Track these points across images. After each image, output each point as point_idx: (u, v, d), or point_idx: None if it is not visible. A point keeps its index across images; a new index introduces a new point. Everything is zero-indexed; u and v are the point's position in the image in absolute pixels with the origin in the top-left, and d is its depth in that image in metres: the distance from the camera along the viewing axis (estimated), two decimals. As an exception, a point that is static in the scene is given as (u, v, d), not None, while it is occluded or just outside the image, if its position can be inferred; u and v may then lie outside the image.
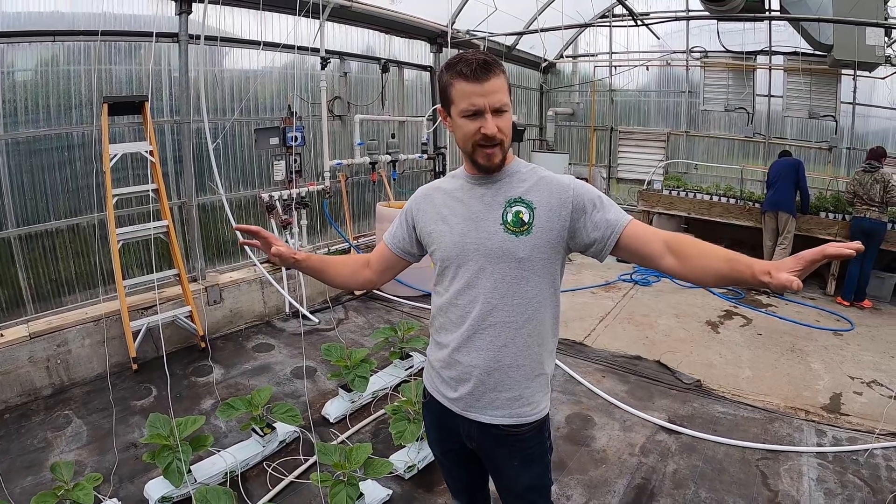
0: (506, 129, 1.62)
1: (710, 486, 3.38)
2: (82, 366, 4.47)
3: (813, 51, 8.18)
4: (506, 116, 1.61)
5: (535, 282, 1.69)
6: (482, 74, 1.56)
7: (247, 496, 3.18)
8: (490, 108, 1.58)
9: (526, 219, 1.65)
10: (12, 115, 4.36)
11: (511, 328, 1.70)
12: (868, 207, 6.59)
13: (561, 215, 1.65)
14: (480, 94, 1.57)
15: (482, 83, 1.56)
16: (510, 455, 1.82)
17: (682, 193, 8.52)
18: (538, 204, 1.66)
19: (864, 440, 3.88)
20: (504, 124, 1.61)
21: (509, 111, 1.62)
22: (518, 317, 1.70)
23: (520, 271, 1.67)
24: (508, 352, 1.71)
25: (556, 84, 11.60)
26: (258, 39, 5.75)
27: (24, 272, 4.52)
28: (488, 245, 1.67)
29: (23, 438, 3.71)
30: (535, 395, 1.77)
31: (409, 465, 3.39)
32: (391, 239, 1.94)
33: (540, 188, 1.68)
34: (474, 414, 1.78)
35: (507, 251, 1.65)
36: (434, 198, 1.84)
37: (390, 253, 1.94)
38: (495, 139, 1.60)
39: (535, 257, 1.67)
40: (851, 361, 5.22)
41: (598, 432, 3.97)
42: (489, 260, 1.67)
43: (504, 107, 1.60)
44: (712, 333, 5.89)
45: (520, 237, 1.65)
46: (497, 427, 1.76)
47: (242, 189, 6.16)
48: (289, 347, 5.26)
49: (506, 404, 1.74)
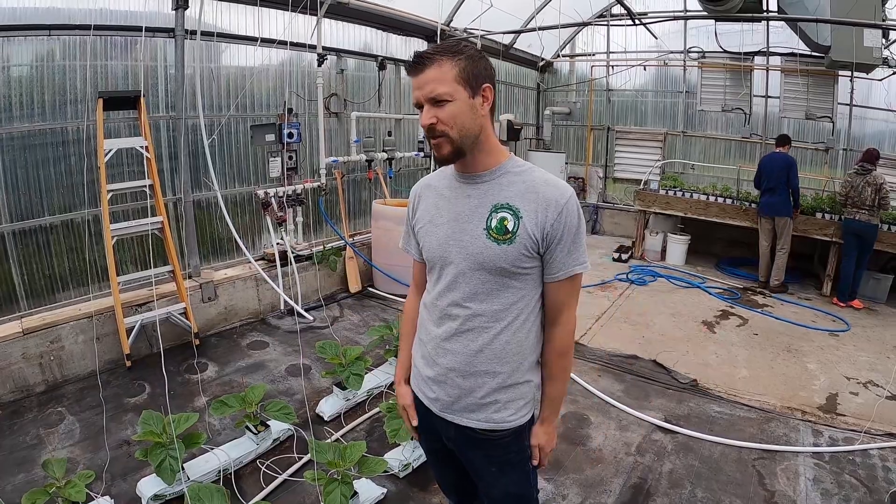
0: (448, 120, 1.56)
1: (707, 485, 3.38)
2: (76, 362, 4.44)
3: (810, 52, 8.20)
4: (448, 107, 1.55)
5: (518, 290, 1.66)
6: (414, 68, 1.57)
7: (240, 494, 3.16)
8: (424, 100, 1.56)
9: (510, 227, 1.60)
10: (7, 109, 4.33)
11: (488, 334, 1.67)
12: (858, 210, 6.61)
13: (544, 230, 1.60)
14: (417, 87, 1.58)
15: (416, 76, 1.57)
16: (488, 460, 1.80)
17: (679, 193, 8.51)
18: (525, 213, 1.60)
19: (860, 440, 3.89)
20: (445, 115, 1.55)
21: (456, 101, 1.55)
22: (496, 323, 1.67)
23: (500, 278, 1.64)
24: (484, 357, 1.68)
25: (554, 83, 11.58)
26: (255, 35, 5.72)
27: (18, 268, 4.49)
28: (470, 250, 1.64)
29: (15, 435, 3.68)
30: (514, 402, 1.73)
31: (404, 464, 3.38)
32: (415, 252, 1.91)
33: (530, 196, 1.62)
34: (450, 416, 1.76)
35: (487, 259, 1.62)
36: (425, 195, 1.83)
37: (424, 265, 1.89)
38: (434, 131, 1.57)
39: (516, 267, 1.62)
40: (847, 362, 5.23)
41: (594, 431, 3.97)
42: (469, 265, 1.65)
43: (441, 97, 1.54)
44: (708, 333, 5.89)
45: (501, 245, 1.60)
46: (473, 430, 1.74)
47: (238, 185, 6.13)
48: (283, 345, 5.23)
49: (481, 408, 1.72)
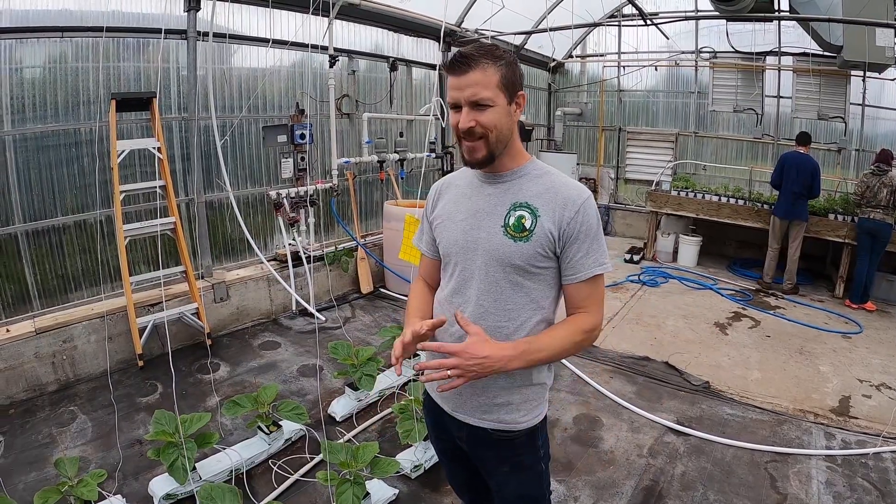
0: (488, 125, 1.56)
1: (719, 488, 3.36)
2: (88, 362, 4.47)
3: (822, 52, 8.11)
4: (488, 112, 1.56)
5: (531, 290, 1.66)
6: (459, 68, 1.55)
7: (252, 494, 3.17)
8: (465, 102, 1.55)
9: (527, 225, 1.61)
10: (20, 111, 4.37)
11: (500, 334, 1.65)
12: (873, 209, 6.58)
13: (561, 228, 1.61)
14: (457, 88, 1.56)
15: (459, 77, 1.55)
16: (499, 460, 1.80)
17: (691, 194, 8.45)
18: (543, 212, 1.61)
19: (873, 443, 3.85)
20: (485, 119, 1.56)
21: (497, 107, 1.56)
22: (509, 323, 1.66)
23: (514, 277, 1.64)
24: None
25: (565, 84, 11.54)
26: (267, 37, 5.74)
27: (31, 268, 4.52)
28: (486, 246, 1.64)
29: (27, 434, 3.71)
30: (526, 403, 1.73)
31: (416, 465, 3.38)
32: (425, 246, 1.93)
33: (549, 196, 1.63)
34: (462, 415, 1.76)
35: (502, 255, 1.62)
36: (446, 193, 1.83)
37: (433, 262, 1.92)
38: (472, 133, 1.57)
39: (530, 265, 1.62)
40: (860, 364, 5.18)
41: (605, 433, 3.95)
42: (485, 261, 1.64)
43: (484, 101, 1.54)
44: (720, 335, 5.85)
45: (518, 243, 1.61)
46: (486, 431, 1.73)
47: (250, 186, 6.16)
48: (295, 345, 5.25)
49: (493, 409, 1.71)
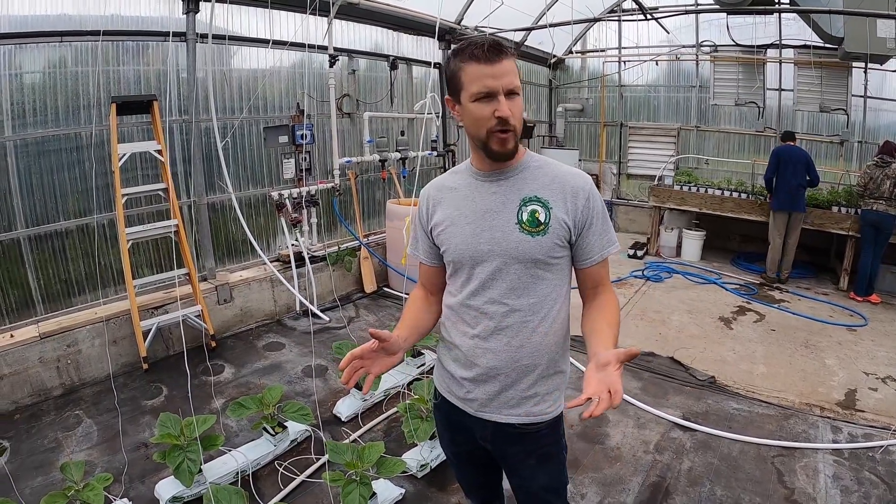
0: (518, 115, 1.55)
1: (726, 483, 3.35)
2: (92, 366, 4.47)
3: (823, 44, 8.06)
4: (518, 101, 1.55)
5: (550, 280, 1.67)
6: (494, 55, 1.50)
7: (258, 496, 3.16)
8: (504, 90, 1.51)
9: (542, 218, 1.61)
10: (21, 116, 4.36)
11: (527, 328, 1.66)
12: (876, 201, 6.56)
13: (575, 218, 1.63)
14: (492, 76, 1.50)
15: (493, 65, 1.50)
16: (525, 454, 1.79)
17: (693, 189, 8.41)
18: (554, 203, 1.62)
19: (880, 436, 3.83)
20: (517, 110, 1.54)
21: (521, 97, 1.56)
22: (534, 317, 1.66)
23: (536, 271, 1.64)
24: (525, 352, 1.67)
25: (565, 80, 11.51)
26: (266, 38, 5.73)
27: (34, 272, 4.52)
28: (503, 245, 1.63)
29: (33, 439, 3.72)
30: (552, 393, 1.74)
31: (422, 464, 3.37)
32: (423, 255, 1.88)
33: (556, 186, 1.64)
34: (489, 414, 1.74)
35: (523, 252, 1.61)
36: (442, 198, 1.78)
37: (433, 269, 1.88)
38: (507, 123, 1.53)
39: (550, 257, 1.63)
40: (866, 357, 5.16)
41: (612, 430, 3.94)
42: (505, 261, 1.63)
43: (517, 90, 1.53)
44: (725, 329, 5.84)
45: (536, 237, 1.61)
46: (513, 426, 1.73)
47: (252, 188, 6.15)
48: (299, 346, 5.24)
49: (521, 403, 1.71)
